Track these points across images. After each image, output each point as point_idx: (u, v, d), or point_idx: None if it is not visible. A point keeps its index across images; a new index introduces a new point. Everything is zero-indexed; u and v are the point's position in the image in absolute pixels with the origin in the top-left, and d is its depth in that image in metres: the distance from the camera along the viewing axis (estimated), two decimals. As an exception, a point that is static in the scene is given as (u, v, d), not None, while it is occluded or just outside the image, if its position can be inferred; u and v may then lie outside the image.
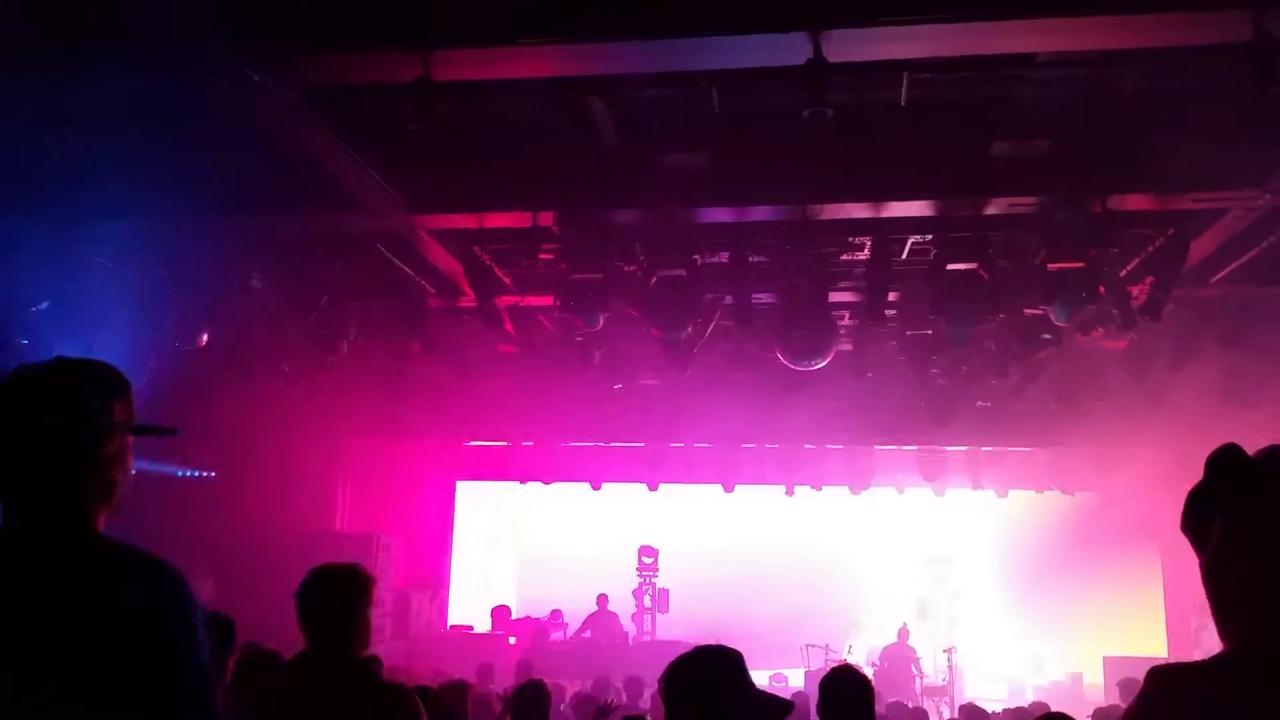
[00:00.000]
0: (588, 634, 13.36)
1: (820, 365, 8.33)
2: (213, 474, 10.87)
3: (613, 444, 13.40)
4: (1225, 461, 1.51)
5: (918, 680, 12.17)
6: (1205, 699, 1.42)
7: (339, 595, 3.10)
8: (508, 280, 8.28)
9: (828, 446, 13.12)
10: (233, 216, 6.60)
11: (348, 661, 3.05)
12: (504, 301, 8.38)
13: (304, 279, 7.86)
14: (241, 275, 7.58)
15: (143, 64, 4.70)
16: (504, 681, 9.37)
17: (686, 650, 2.61)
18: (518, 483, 14.61)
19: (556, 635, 13.70)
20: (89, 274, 7.01)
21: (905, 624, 13.03)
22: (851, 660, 10.54)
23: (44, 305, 7.02)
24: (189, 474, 10.75)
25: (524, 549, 17.86)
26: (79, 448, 1.84)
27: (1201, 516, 1.53)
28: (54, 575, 1.72)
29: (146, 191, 5.62)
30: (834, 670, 3.82)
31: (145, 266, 7.19)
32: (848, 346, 9.35)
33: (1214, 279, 7.58)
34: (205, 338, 7.83)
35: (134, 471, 1.92)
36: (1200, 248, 6.93)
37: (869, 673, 5.34)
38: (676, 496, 14.91)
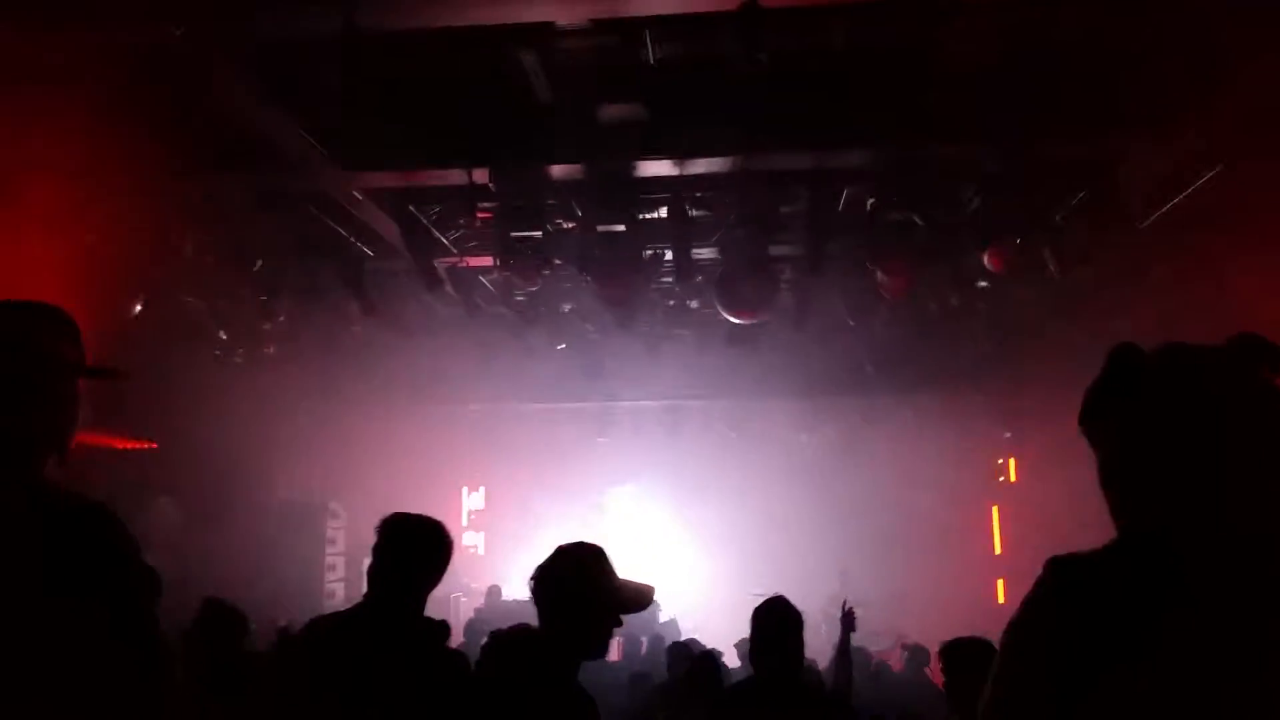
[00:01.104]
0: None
1: (762, 319, 8.40)
2: (154, 446, 10.69)
3: (559, 404, 13.39)
4: (1121, 359, 1.57)
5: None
6: (1102, 582, 1.47)
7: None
8: (446, 242, 8.21)
9: (772, 401, 13.24)
10: (161, 179, 6.43)
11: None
12: (443, 263, 8.30)
13: (237, 244, 7.70)
14: (173, 241, 7.41)
15: (57, 24, 4.55)
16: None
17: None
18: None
19: (511, 593, 13.69)
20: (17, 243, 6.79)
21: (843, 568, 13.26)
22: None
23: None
24: (130, 447, 10.56)
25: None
26: (30, 388, 1.81)
27: (1098, 413, 1.59)
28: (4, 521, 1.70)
29: (72, 152, 5.46)
30: (766, 601, 3.85)
31: (72, 235, 6.99)
32: (788, 300, 9.41)
33: (1144, 224, 7.72)
34: (139, 307, 7.66)
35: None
36: (1131, 191, 7.04)
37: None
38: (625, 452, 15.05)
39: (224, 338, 9.06)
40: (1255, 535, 1.43)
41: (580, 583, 2.72)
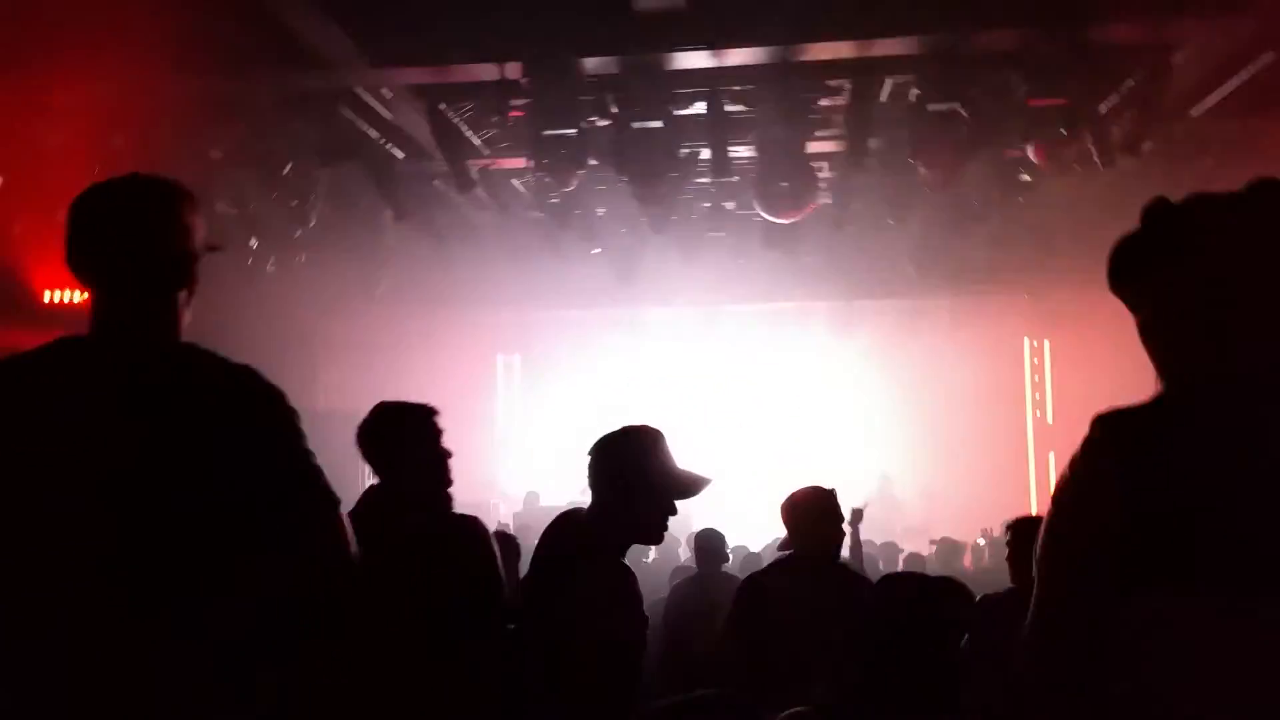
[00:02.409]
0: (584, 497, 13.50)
1: (799, 218, 8.25)
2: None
3: (593, 310, 13.34)
4: (1162, 214, 1.54)
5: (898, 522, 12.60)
6: (1154, 434, 1.44)
7: None
8: (477, 142, 8.08)
9: (810, 303, 13.14)
10: (187, 78, 6.34)
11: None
12: (476, 164, 8.19)
13: (265, 147, 7.61)
14: (202, 145, 7.33)
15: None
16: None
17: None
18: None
19: (549, 500, 13.86)
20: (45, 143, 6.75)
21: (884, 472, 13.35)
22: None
23: (-1, 181, 6.78)
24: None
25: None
26: (176, 261, 1.85)
27: (1139, 270, 1.55)
28: (186, 384, 1.75)
29: (99, 53, 5.38)
30: (802, 489, 3.94)
31: (100, 138, 6.93)
32: (828, 200, 9.24)
33: (1193, 113, 7.47)
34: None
35: None
36: (1182, 79, 6.79)
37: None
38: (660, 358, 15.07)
39: (254, 245, 9.02)
40: None
41: (638, 460, 2.71)
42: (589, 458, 2.77)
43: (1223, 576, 1.34)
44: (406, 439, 2.98)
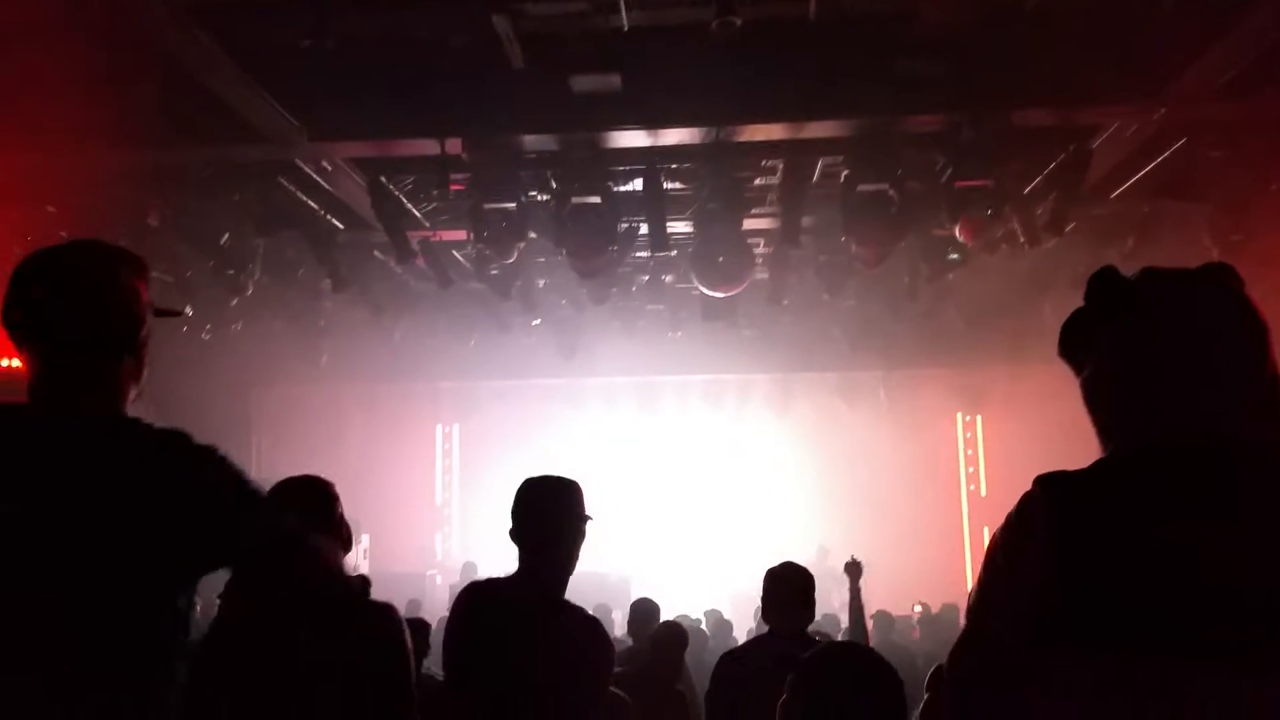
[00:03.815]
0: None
1: (736, 292, 8.39)
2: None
3: (532, 380, 13.34)
4: (1106, 282, 1.62)
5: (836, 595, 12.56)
6: (1084, 497, 1.49)
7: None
8: (418, 214, 8.13)
9: (748, 375, 13.27)
10: (125, 150, 6.33)
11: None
12: (415, 236, 8.23)
13: (204, 216, 7.58)
14: (138, 213, 7.28)
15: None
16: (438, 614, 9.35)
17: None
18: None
19: (486, 570, 13.68)
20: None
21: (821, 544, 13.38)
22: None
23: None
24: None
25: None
26: (118, 327, 1.82)
27: (1083, 336, 1.63)
28: (122, 458, 1.71)
29: (36, 122, 5.36)
30: (781, 565, 3.92)
31: (34, 205, 6.86)
32: (764, 275, 9.42)
33: (1113, 194, 7.79)
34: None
35: None
36: (1101, 162, 7.09)
37: None
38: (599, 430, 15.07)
39: (189, 313, 8.92)
40: (1254, 443, 1.46)
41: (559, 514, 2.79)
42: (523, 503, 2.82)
43: (1124, 642, 1.39)
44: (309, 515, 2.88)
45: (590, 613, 2.82)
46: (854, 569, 5.55)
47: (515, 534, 2.82)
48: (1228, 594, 1.36)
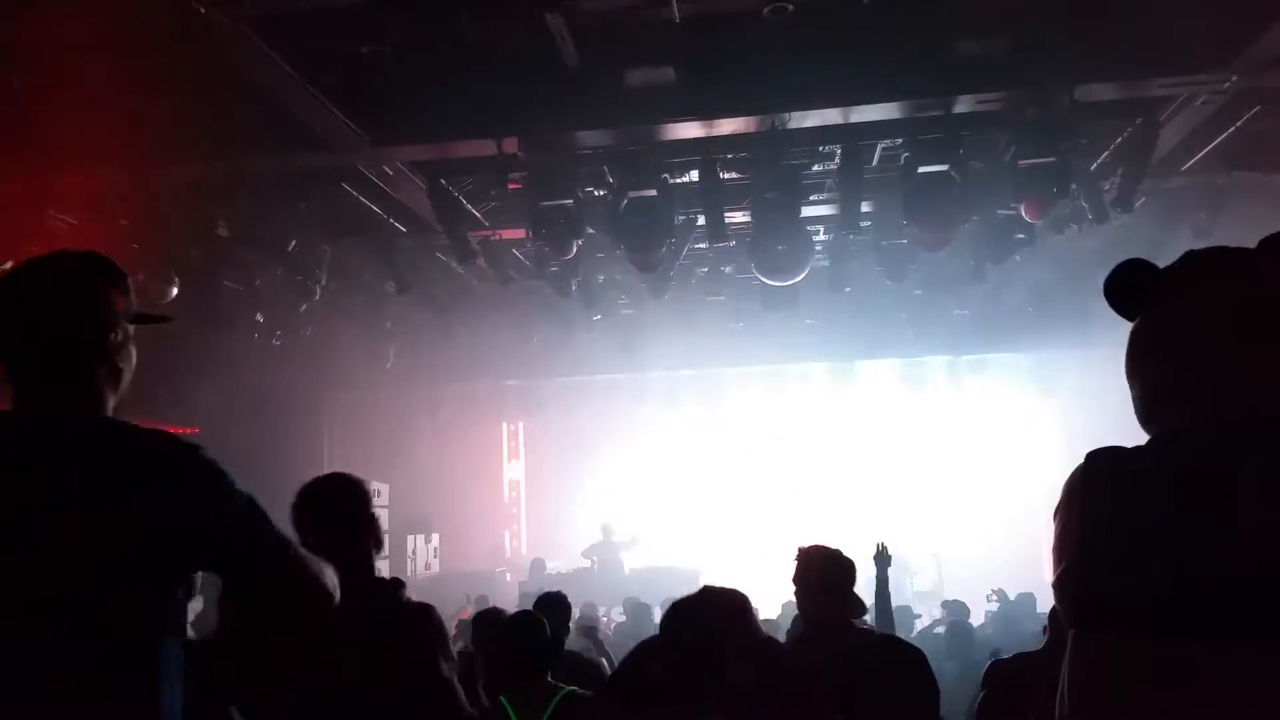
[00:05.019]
0: (588, 563, 13.39)
1: (796, 281, 8.33)
2: (196, 431, 10.83)
3: (595, 376, 13.40)
4: (1111, 284, 1.68)
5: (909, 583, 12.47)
6: (1146, 472, 1.48)
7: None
8: (478, 215, 8.21)
9: (811, 364, 13.18)
10: (194, 162, 6.49)
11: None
12: (476, 236, 8.31)
13: (271, 224, 7.75)
14: (207, 223, 7.47)
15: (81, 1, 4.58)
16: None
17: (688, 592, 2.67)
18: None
19: (555, 566, 13.79)
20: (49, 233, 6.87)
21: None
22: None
23: (7, 265, 6.89)
24: (173, 433, 10.68)
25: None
26: (87, 337, 1.85)
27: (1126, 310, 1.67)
28: (104, 456, 1.76)
29: (107, 140, 5.51)
30: (813, 547, 3.77)
31: (108, 219, 7.07)
32: (824, 262, 9.34)
33: (1184, 167, 7.58)
34: (174, 290, 7.73)
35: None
36: (1169, 136, 6.91)
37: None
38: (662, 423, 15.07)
39: (261, 320, 9.13)
40: None
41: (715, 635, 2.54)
42: (670, 624, 2.65)
43: (1160, 623, 1.38)
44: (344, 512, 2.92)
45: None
46: (882, 559, 5.40)
47: None
48: (1267, 572, 1.33)
